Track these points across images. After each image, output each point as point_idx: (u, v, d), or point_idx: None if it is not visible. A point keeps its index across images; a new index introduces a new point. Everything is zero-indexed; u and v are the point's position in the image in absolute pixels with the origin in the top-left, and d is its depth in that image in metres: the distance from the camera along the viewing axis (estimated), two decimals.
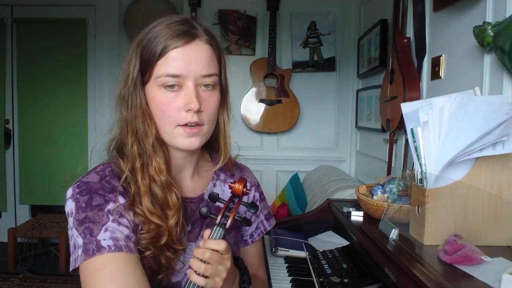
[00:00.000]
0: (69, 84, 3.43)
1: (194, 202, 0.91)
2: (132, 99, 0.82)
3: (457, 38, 1.40)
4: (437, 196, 0.88)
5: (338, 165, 3.03)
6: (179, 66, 0.78)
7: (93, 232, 0.73)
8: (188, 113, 0.79)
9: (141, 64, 0.81)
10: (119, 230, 0.75)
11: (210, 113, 0.83)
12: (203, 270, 0.74)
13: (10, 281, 2.84)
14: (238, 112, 3.00)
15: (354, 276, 1.11)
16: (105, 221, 0.75)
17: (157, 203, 0.80)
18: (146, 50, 0.80)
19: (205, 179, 0.95)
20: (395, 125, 1.80)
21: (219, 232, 0.79)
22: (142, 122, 0.81)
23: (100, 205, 0.76)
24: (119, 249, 0.72)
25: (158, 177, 0.81)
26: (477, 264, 0.77)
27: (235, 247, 0.98)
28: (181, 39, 0.78)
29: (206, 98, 0.81)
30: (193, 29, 0.81)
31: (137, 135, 0.82)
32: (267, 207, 1.08)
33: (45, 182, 3.43)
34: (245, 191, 0.81)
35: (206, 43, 0.82)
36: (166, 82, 0.78)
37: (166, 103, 0.79)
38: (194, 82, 0.79)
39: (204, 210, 0.80)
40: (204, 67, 0.80)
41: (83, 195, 0.77)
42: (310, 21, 3.01)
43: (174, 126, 0.80)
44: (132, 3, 3.23)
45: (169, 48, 0.78)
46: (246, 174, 1.03)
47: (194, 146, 0.82)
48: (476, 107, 0.84)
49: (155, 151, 0.82)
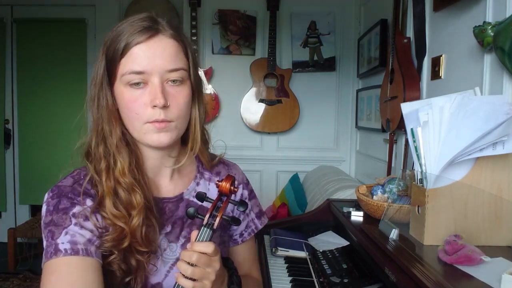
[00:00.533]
0: (69, 84, 3.42)
1: (172, 202, 0.89)
2: (100, 100, 0.82)
3: (457, 38, 1.40)
4: (437, 196, 0.88)
5: (338, 165, 3.03)
6: (143, 62, 0.77)
7: (54, 235, 0.74)
8: (155, 109, 0.77)
9: (106, 64, 0.81)
10: (80, 234, 0.75)
11: (179, 109, 0.80)
12: (190, 273, 0.72)
13: (10, 281, 2.84)
14: (238, 112, 3.01)
15: (354, 276, 1.11)
16: (67, 224, 0.75)
17: (122, 205, 0.79)
18: (110, 49, 0.79)
19: (186, 178, 0.93)
20: (395, 125, 1.80)
21: (206, 233, 0.76)
22: (107, 122, 0.81)
23: (65, 208, 0.77)
24: (75, 253, 0.72)
25: (122, 178, 0.80)
26: (477, 264, 0.77)
27: (221, 246, 0.96)
28: (144, 34, 0.77)
29: (174, 94, 0.79)
30: (156, 24, 0.80)
31: (103, 136, 0.82)
32: (258, 205, 1.05)
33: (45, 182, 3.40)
34: (233, 189, 0.78)
35: (170, 37, 0.80)
36: (131, 80, 0.78)
37: (132, 101, 0.78)
38: (160, 78, 0.78)
39: (191, 211, 0.77)
40: (169, 62, 0.78)
41: (53, 198, 0.79)
42: (310, 21, 3.01)
43: (142, 123, 0.79)
44: (132, 3, 3.23)
45: (131, 45, 0.77)
46: (233, 171, 1.00)
47: (164, 142, 0.79)
48: (476, 107, 0.84)
49: (119, 151, 0.81)
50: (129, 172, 0.81)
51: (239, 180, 0.99)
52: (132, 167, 0.82)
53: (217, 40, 3.02)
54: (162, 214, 0.88)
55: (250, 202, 1.01)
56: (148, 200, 0.82)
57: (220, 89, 3.00)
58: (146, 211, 0.81)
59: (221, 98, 3.02)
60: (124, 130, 0.83)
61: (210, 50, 3.02)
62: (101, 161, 0.81)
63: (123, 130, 0.83)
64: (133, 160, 0.83)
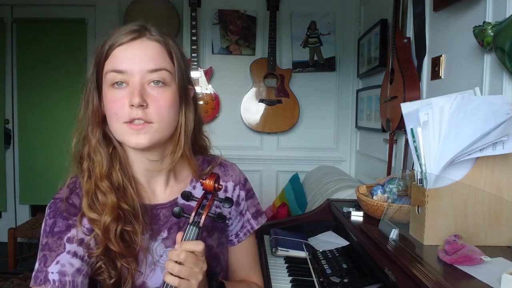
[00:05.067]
0: (69, 84, 3.42)
1: (166, 208, 0.89)
2: (88, 102, 0.84)
3: (457, 38, 1.40)
4: (437, 196, 0.88)
5: (338, 165, 3.03)
6: (124, 62, 0.79)
7: (46, 261, 0.78)
8: (132, 109, 0.77)
9: (95, 68, 0.83)
10: (70, 263, 0.78)
11: (160, 110, 0.79)
12: (177, 271, 0.72)
13: (10, 281, 2.84)
14: (238, 112, 3.01)
15: (354, 276, 1.11)
16: (61, 251, 0.79)
17: (99, 206, 0.81)
18: (98, 53, 0.82)
19: (182, 184, 0.93)
20: (395, 125, 1.80)
21: (193, 231, 0.76)
22: (90, 123, 0.84)
23: (60, 232, 0.80)
24: (62, 286, 0.76)
25: (99, 182, 0.82)
26: (477, 264, 0.77)
27: (218, 249, 0.96)
28: (127, 37, 0.79)
29: (155, 95, 0.79)
30: (143, 29, 0.82)
31: (84, 136, 0.85)
32: (255, 205, 1.03)
33: (45, 182, 3.42)
34: (217, 186, 0.78)
35: (153, 40, 0.81)
36: (113, 79, 0.79)
37: (114, 101, 0.79)
38: (140, 79, 0.78)
39: (176, 210, 0.77)
40: (150, 62, 0.79)
41: (50, 217, 0.82)
42: (310, 21, 3.01)
43: (120, 123, 0.79)
44: (132, 3, 3.23)
45: (114, 46, 0.80)
46: (230, 172, 0.99)
47: (142, 143, 0.79)
48: (476, 107, 0.84)
49: (96, 152, 0.83)
50: (107, 174, 0.83)
51: (235, 181, 0.98)
52: (112, 170, 0.84)
53: (217, 40, 3.02)
54: (157, 221, 0.88)
55: (246, 202, 1.00)
56: (131, 205, 0.83)
57: (220, 89, 3.00)
58: (126, 214, 0.82)
59: (221, 98, 3.02)
60: (110, 134, 0.85)
61: (210, 50, 3.01)
62: (84, 162, 0.84)
63: (109, 134, 0.85)
64: (116, 162, 0.84)
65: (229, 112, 3.03)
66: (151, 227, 0.87)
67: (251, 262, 1.04)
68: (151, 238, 0.87)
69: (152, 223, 0.87)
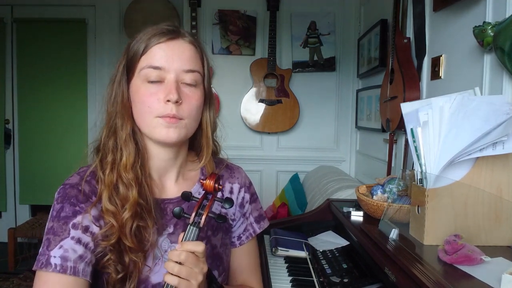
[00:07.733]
0: (69, 84, 3.43)
1: (173, 203, 0.90)
2: (116, 96, 0.86)
3: (457, 38, 1.40)
4: (437, 196, 0.88)
5: (338, 165, 3.03)
6: (161, 59, 0.82)
7: (50, 245, 0.78)
8: (167, 104, 0.80)
9: (126, 62, 0.85)
10: (73, 249, 0.78)
11: (191, 107, 0.83)
12: (177, 271, 0.72)
13: (10, 281, 2.84)
14: (238, 112, 3.01)
15: (354, 276, 1.11)
16: (65, 236, 0.79)
17: (118, 199, 0.82)
18: (131, 49, 0.85)
19: (190, 181, 0.95)
20: (395, 125, 1.80)
21: (193, 232, 0.76)
22: (120, 117, 0.85)
23: (67, 217, 0.80)
24: (63, 271, 0.76)
25: (124, 173, 0.82)
26: (477, 264, 0.77)
27: (221, 249, 0.96)
28: (165, 36, 0.83)
29: (187, 93, 0.83)
30: (177, 30, 0.86)
31: (114, 130, 0.85)
32: (258, 209, 1.04)
33: (45, 182, 3.43)
34: (217, 187, 0.79)
35: (189, 43, 0.86)
36: (148, 75, 0.82)
37: (148, 95, 0.82)
38: (176, 76, 0.82)
39: (177, 210, 0.77)
40: (186, 63, 0.83)
41: (58, 202, 0.82)
42: (310, 21, 3.01)
43: (153, 116, 0.81)
44: (132, 3, 3.23)
45: (152, 44, 0.83)
46: (236, 174, 1.01)
47: (172, 137, 0.82)
48: (476, 107, 0.84)
49: (126, 146, 0.84)
50: (132, 168, 0.83)
51: (241, 183, 1.00)
52: (136, 164, 0.84)
53: (217, 40, 3.02)
54: (164, 215, 0.89)
55: (250, 206, 1.01)
56: (145, 200, 0.84)
57: (220, 89, 3.00)
58: (142, 210, 0.83)
59: (221, 98, 3.02)
60: (135, 128, 0.86)
61: (210, 50, 3.01)
62: (109, 155, 0.84)
63: (134, 128, 0.86)
64: (138, 158, 0.85)
65: (229, 112, 3.03)
66: (159, 222, 0.88)
67: (252, 266, 1.04)
68: (158, 232, 0.88)
69: (159, 218, 0.88)
